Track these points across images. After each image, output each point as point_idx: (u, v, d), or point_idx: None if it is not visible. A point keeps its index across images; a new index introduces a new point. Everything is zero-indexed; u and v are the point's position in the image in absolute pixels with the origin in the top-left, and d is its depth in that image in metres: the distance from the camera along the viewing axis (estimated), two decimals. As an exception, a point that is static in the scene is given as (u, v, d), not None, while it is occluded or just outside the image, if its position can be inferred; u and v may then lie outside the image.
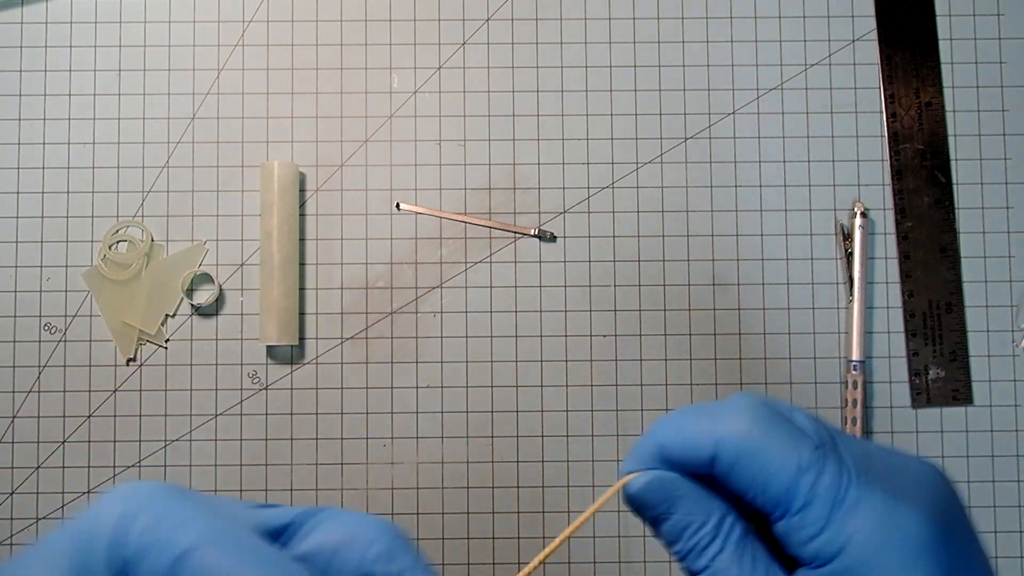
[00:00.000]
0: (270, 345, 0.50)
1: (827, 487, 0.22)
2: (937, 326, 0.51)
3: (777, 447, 0.22)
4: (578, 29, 0.52)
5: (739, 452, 0.23)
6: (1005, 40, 0.52)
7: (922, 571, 0.21)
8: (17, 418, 0.50)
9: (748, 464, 0.23)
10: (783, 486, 0.22)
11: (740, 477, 0.23)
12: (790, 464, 0.22)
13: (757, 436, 0.23)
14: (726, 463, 0.23)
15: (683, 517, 0.24)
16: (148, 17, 0.52)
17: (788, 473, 0.22)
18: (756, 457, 0.22)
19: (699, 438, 0.23)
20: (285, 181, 0.50)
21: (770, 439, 0.23)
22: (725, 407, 0.24)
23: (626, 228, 0.51)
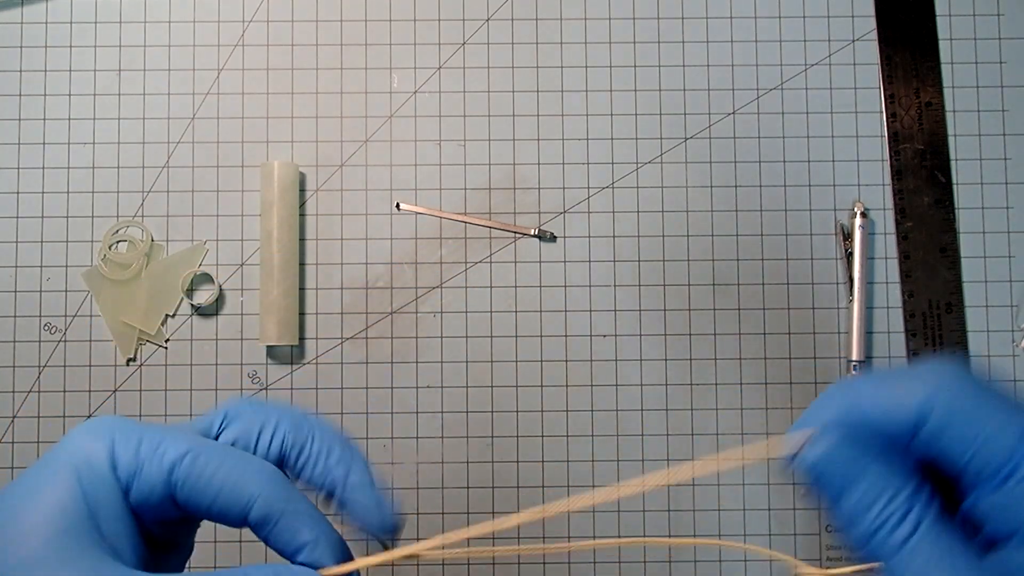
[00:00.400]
0: (270, 345, 0.50)
1: None
2: (937, 326, 0.51)
3: (995, 409, 0.20)
4: (578, 29, 0.52)
5: (953, 413, 0.21)
6: (1005, 40, 0.52)
7: None
8: (17, 418, 0.50)
9: (963, 426, 0.20)
10: (1005, 449, 0.20)
11: (952, 441, 0.20)
12: (1013, 426, 0.20)
13: (972, 396, 0.21)
14: (937, 425, 0.21)
15: (874, 486, 0.21)
16: (148, 17, 0.52)
17: (1011, 436, 0.20)
18: (974, 418, 0.20)
19: (904, 398, 0.21)
20: (285, 181, 0.50)
21: (987, 400, 0.21)
22: (927, 369, 0.21)
23: (626, 228, 0.51)
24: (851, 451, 0.21)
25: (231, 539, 0.50)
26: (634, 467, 0.50)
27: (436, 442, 0.50)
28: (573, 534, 0.50)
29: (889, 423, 0.21)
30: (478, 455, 0.50)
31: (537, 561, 0.50)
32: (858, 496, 0.21)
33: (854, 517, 0.21)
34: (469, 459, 0.50)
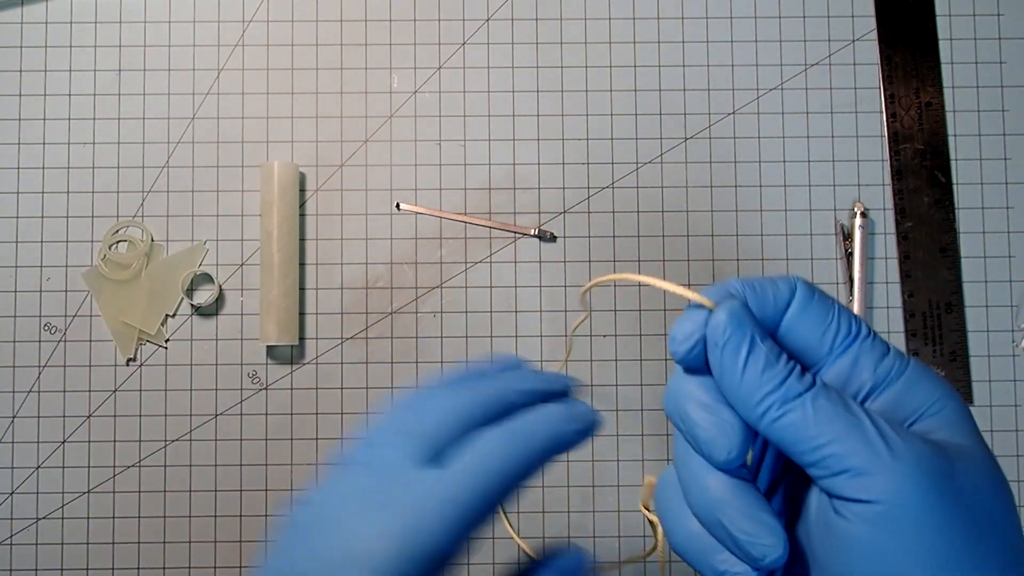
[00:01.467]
0: (270, 345, 0.50)
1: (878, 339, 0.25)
2: (937, 326, 0.51)
3: (834, 301, 0.25)
4: (578, 29, 0.52)
5: (813, 289, 0.25)
6: (1005, 40, 0.52)
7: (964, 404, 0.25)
8: (17, 418, 0.50)
9: (821, 300, 0.25)
10: (851, 321, 0.25)
11: (815, 313, 0.25)
12: (849, 312, 0.25)
13: (820, 291, 0.26)
14: (803, 298, 0.25)
15: (774, 347, 0.24)
16: (148, 17, 0.52)
17: (851, 314, 0.25)
18: (825, 299, 0.25)
19: (778, 282, 0.25)
20: (285, 181, 0.50)
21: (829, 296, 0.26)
22: (779, 275, 0.26)
23: (626, 228, 0.51)
24: (751, 316, 0.24)
25: (231, 539, 0.50)
26: (634, 467, 0.50)
27: (436, 442, 0.50)
28: (573, 534, 0.50)
29: (768, 301, 0.25)
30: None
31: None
32: (766, 351, 0.23)
33: (762, 371, 0.23)
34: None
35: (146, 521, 0.50)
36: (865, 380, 0.24)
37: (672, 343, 0.25)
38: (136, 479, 0.50)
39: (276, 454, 0.50)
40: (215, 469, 0.50)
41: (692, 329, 0.24)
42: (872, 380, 0.24)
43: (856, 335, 0.25)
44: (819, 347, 0.25)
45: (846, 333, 0.25)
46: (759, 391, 0.23)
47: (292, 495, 0.51)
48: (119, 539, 0.50)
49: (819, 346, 0.25)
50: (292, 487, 0.50)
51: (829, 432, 0.22)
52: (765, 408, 0.23)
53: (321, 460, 0.50)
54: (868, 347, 0.24)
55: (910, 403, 0.24)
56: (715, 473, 0.24)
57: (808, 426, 0.22)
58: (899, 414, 0.24)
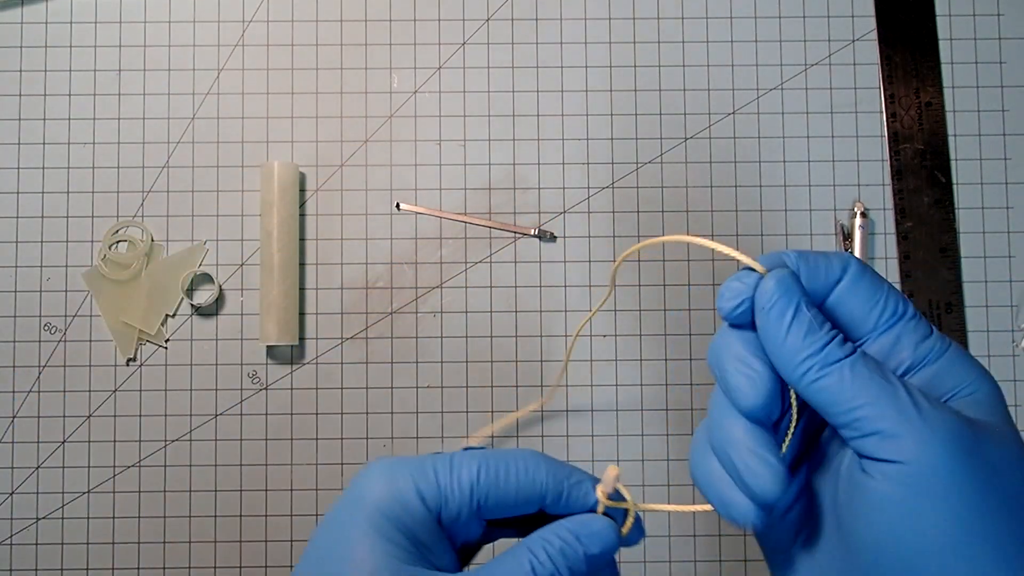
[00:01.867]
0: (270, 345, 0.50)
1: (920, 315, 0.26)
2: (937, 326, 0.51)
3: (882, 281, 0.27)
4: (578, 29, 0.52)
5: (865, 269, 0.26)
6: (1005, 40, 0.52)
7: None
8: (17, 418, 0.50)
9: (871, 279, 0.26)
10: (899, 301, 0.26)
11: (864, 290, 0.26)
12: (899, 292, 0.26)
13: (873, 270, 0.27)
14: (854, 276, 0.26)
15: (818, 315, 0.25)
16: (148, 17, 0.52)
17: (900, 295, 0.26)
18: (878, 280, 0.26)
19: (832, 258, 0.26)
20: (285, 181, 0.50)
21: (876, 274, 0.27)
22: (834, 252, 0.27)
23: (626, 228, 0.51)
24: (798, 284, 0.25)
25: (231, 539, 0.50)
26: (634, 467, 0.50)
27: (436, 442, 0.50)
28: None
29: (821, 274, 0.26)
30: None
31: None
32: (810, 318, 0.24)
33: (804, 336, 0.24)
34: (469, 459, 0.50)
35: (146, 521, 0.50)
36: (905, 357, 0.25)
37: (720, 299, 0.26)
38: (136, 479, 0.50)
39: (276, 454, 0.50)
40: (215, 469, 0.50)
41: (741, 290, 0.26)
42: (911, 358, 0.25)
43: (902, 315, 0.26)
44: (864, 323, 0.26)
45: (892, 312, 0.26)
46: (800, 353, 0.24)
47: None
48: (119, 539, 0.50)
49: (864, 322, 0.26)
50: (292, 487, 0.50)
51: (863, 396, 0.23)
52: (805, 370, 0.24)
53: (321, 460, 0.50)
54: (912, 327, 0.25)
55: (947, 382, 0.25)
56: (738, 417, 0.25)
57: (844, 389, 0.23)
58: (935, 391, 0.25)
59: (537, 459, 0.29)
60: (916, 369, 0.25)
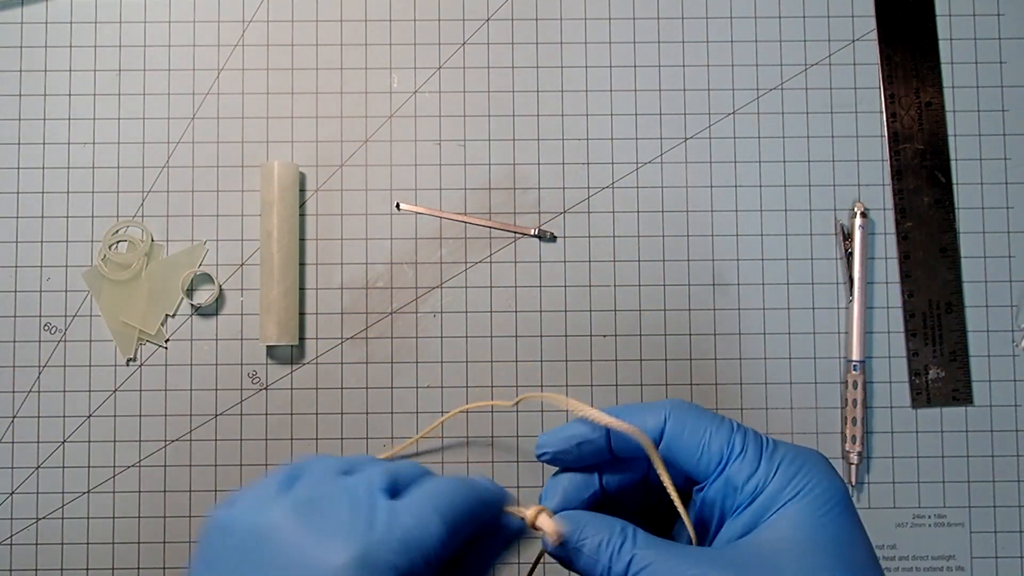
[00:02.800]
0: (270, 345, 0.50)
1: (755, 438, 0.29)
2: (937, 326, 0.51)
3: (710, 419, 0.30)
4: (578, 29, 0.52)
5: (686, 421, 0.30)
6: (1005, 40, 0.52)
7: (835, 482, 0.28)
8: (17, 418, 0.50)
9: (694, 429, 0.29)
10: (723, 442, 0.29)
11: (687, 441, 0.29)
12: (724, 428, 0.29)
13: (694, 415, 0.30)
14: (671, 437, 0.29)
15: (595, 536, 0.28)
16: (148, 17, 0.52)
17: (725, 433, 0.29)
18: (699, 424, 0.29)
19: (647, 420, 0.30)
20: (285, 181, 0.50)
21: (704, 414, 0.30)
22: (662, 402, 0.30)
23: (626, 228, 0.51)
24: (574, 519, 0.29)
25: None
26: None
27: (436, 442, 0.50)
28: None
29: (649, 431, 0.30)
30: (478, 455, 0.50)
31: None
32: (588, 549, 0.28)
33: (590, 565, 0.28)
34: (469, 460, 0.50)
35: (146, 521, 0.50)
36: (739, 499, 0.28)
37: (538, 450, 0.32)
38: (136, 479, 0.50)
39: (276, 454, 0.50)
40: (215, 469, 0.50)
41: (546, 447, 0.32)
42: (742, 498, 0.28)
43: (726, 461, 0.29)
44: (696, 470, 0.29)
45: (717, 462, 0.29)
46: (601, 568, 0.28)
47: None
48: (119, 539, 0.50)
49: (696, 470, 0.29)
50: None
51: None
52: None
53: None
54: (738, 467, 0.28)
55: (780, 498, 0.27)
56: None
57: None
58: (770, 509, 0.27)
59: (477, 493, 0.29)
60: (745, 505, 0.28)
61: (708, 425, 0.29)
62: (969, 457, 0.50)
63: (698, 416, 0.30)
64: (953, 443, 0.51)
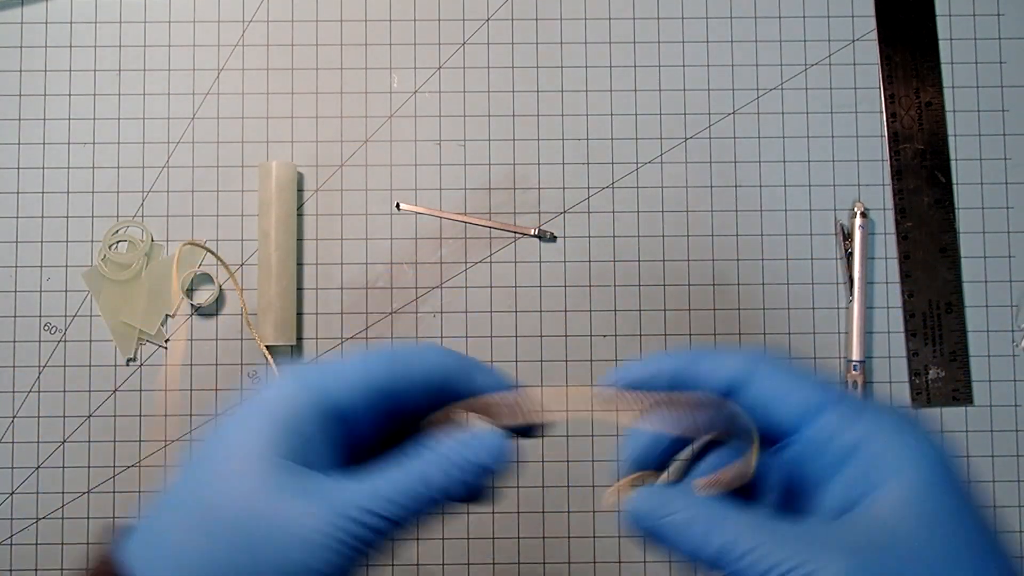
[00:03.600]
0: (269, 345, 0.50)
1: (843, 396, 0.25)
2: (937, 326, 0.51)
3: (793, 371, 0.26)
4: (578, 29, 0.52)
5: (763, 374, 0.26)
6: (1005, 40, 0.52)
7: (941, 451, 0.25)
8: (17, 418, 0.50)
9: (776, 379, 0.26)
10: (806, 396, 0.25)
11: (766, 390, 0.26)
12: (807, 382, 0.26)
13: (775, 362, 0.27)
14: (749, 383, 0.26)
15: (683, 512, 0.25)
16: (148, 17, 0.52)
17: (807, 384, 0.26)
18: (778, 377, 0.26)
19: (723, 361, 0.27)
20: (283, 181, 0.50)
21: (786, 366, 0.27)
22: (739, 348, 0.27)
23: (626, 228, 0.51)
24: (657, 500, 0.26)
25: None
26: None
27: (436, 442, 0.50)
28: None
29: (714, 378, 0.27)
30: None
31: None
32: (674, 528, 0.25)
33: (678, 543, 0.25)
34: (469, 459, 0.50)
35: (146, 521, 0.50)
36: (827, 460, 0.25)
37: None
38: (136, 479, 0.50)
39: (276, 454, 0.50)
40: (215, 469, 0.50)
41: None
42: (829, 459, 0.25)
43: (810, 416, 0.25)
44: (779, 425, 0.26)
45: (797, 414, 0.25)
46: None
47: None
48: (119, 539, 0.50)
49: (779, 424, 0.26)
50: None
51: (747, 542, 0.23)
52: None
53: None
54: (823, 424, 0.25)
55: (880, 469, 0.24)
56: None
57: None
58: (867, 484, 0.24)
59: (441, 353, 0.27)
60: (838, 469, 0.25)
61: (791, 372, 0.26)
62: (969, 457, 0.50)
63: (780, 362, 0.27)
64: (953, 443, 0.50)
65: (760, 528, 0.23)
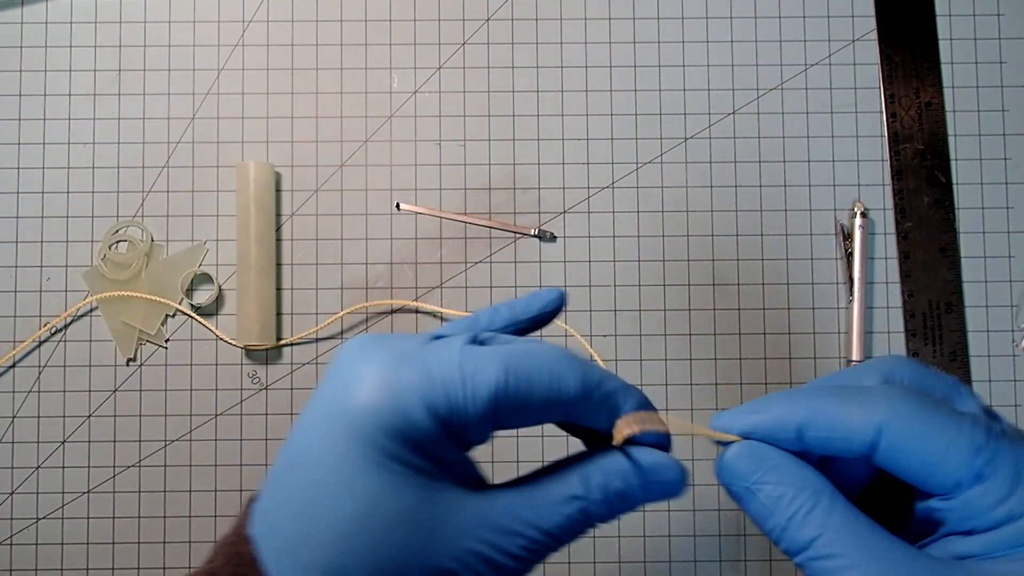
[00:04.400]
0: (250, 345, 0.50)
1: (1009, 451, 0.22)
2: (937, 326, 0.51)
3: (947, 430, 0.22)
4: (578, 29, 0.52)
5: (905, 437, 0.22)
6: (1005, 40, 0.52)
7: None
8: (17, 418, 0.50)
9: (916, 448, 0.22)
10: (957, 466, 0.22)
11: (905, 462, 0.22)
12: (964, 436, 0.22)
13: (922, 418, 0.22)
14: (890, 449, 0.22)
15: (776, 487, 0.22)
16: (148, 17, 0.52)
17: (961, 453, 0.22)
18: (925, 441, 0.22)
19: (856, 423, 0.22)
20: (261, 181, 0.50)
21: (937, 422, 0.22)
22: (879, 393, 0.23)
23: (626, 228, 0.51)
24: (752, 456, 0.23)
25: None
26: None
27: (436, 442, 0.50)
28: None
29: (841, 447, 0.23)
30: (478, 455, 0.50)
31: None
32: (762, 498, 0.23)
33: (763, 517, 0.23)
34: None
35: (146, 521, 0.50)
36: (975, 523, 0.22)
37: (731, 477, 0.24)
38: (136, 479, 0.50)
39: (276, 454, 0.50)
40: (215, 469, 0.50)
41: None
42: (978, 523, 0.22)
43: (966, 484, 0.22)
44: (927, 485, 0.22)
45: (953, 483, 0.22)
46: (773, 535, 0.23)
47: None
48: (119, 539, 0.50)
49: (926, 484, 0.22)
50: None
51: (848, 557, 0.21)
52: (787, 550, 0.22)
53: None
54: (980, 493, 0.22)
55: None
56: None
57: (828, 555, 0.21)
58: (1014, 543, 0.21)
59: (564, 362, 0.24)
60: (985, 530, 0.22)
61: (943, 430, 0.22)
62: (969, 457, 0.50)
63: (927, 417, 0.22)
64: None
65: (862, 535, 0.21)
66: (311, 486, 0.22)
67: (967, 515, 0.22)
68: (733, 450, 0.24)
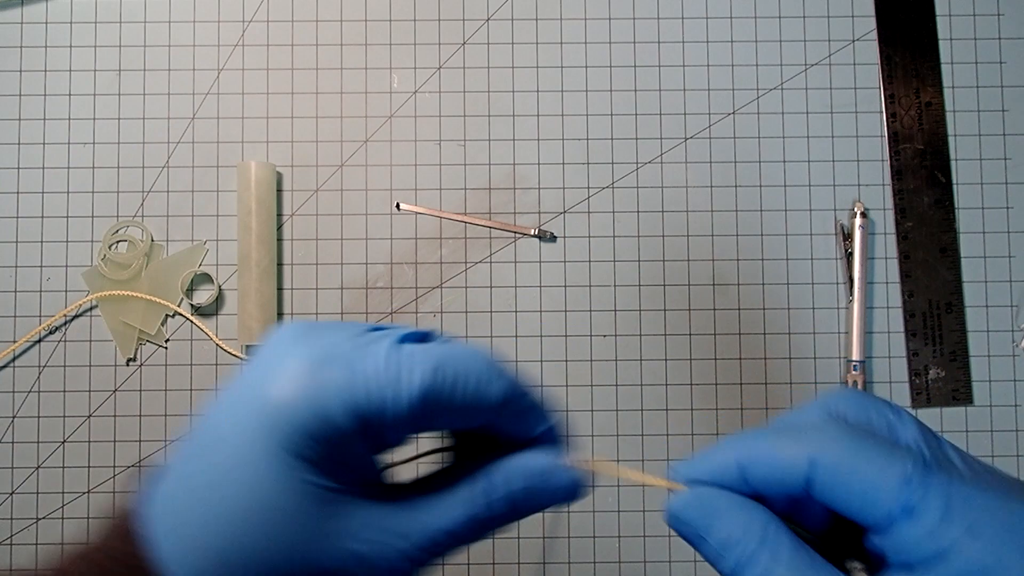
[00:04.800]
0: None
1: (942, 484, 0.21)
2: (937, 326, 0.51)
3: (877, 462, 0.22)
4: (578, 29, 0.52)
5: (836, 471, 0.22)
6: (1005, 40, 0.52)
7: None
8: (17, 418, 0.50)
9: (847, 481, 0.22)
10: (887, 499, 0.22)
11: (840, 496, 0.22)
12: (893, 478, 0.22)
13: (854, 453, 0.22)
14: (824, 484, 0.22)
15: (722, 531, 0.23)
16: (148, 17, 0.52)
17: (892, 488, 0.22)
18: (856, 474, 0.22)
19: (788, 460, 0.23)
20: (263, 181, 0.50)
21: (868, 454, 0.22)
22: (813, 428, 0.23)
23: (626, 228, 0.51)
24: (699, 503, 0.23)
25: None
26: (633, 467, 0.50)
27: (436, 442, 0.50)
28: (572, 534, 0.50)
29: (778, 483, 0.23)
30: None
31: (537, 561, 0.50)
32: (712, 543, 0.23)
33: (716, 561, 0.23)
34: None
35: (146, 521, 0.50)
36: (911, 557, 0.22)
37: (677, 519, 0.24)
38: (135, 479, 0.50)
39: (276, 454, 0.50)
40: (215, 469, 0.50)
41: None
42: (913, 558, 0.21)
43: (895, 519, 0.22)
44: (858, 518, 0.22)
45: (884, 516, 0.22)
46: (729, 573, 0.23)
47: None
48: (119, 539, 0.50)
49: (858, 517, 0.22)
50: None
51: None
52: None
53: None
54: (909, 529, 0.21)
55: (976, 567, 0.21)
56: None
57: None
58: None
59: (491, 369, 0.24)
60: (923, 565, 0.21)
61: (872, 462, 0.22)
62: (969, 457, 0.50)
63: (858, 449, 0.22)
64: (953, 443, 0.50)
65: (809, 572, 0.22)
66: (214, 469, 0.23)
67: (900, 549, 0.21)
68: (678, 498, 0.24)
